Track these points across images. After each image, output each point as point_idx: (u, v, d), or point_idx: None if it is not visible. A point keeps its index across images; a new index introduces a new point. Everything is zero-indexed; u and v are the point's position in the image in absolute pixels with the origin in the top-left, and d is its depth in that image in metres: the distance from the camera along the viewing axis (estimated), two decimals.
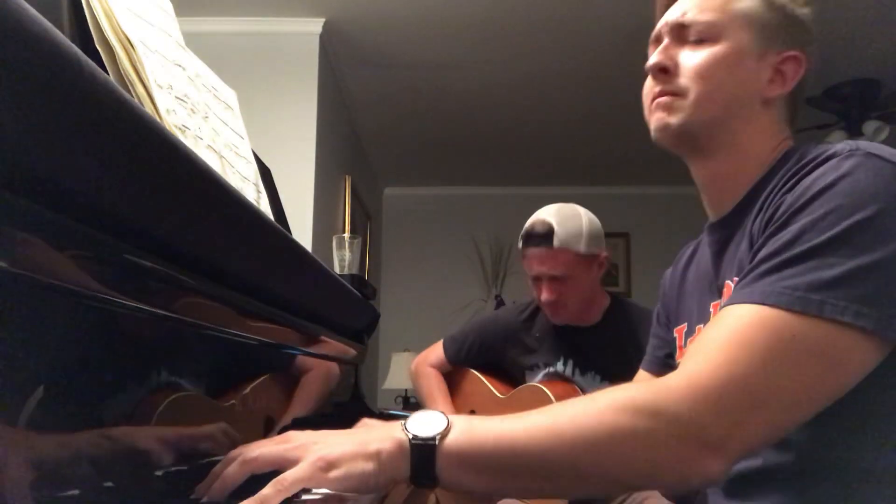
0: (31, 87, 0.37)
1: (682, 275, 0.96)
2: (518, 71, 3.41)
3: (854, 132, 3.64)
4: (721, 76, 0.79)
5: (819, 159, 0.68)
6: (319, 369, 1.09)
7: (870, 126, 3.56)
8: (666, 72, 0.81)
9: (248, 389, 0.78)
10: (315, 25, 3.00)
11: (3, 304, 0.38)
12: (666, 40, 0.83)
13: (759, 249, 0.67)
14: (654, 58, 0.83)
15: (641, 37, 0.95)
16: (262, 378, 0.83)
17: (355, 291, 1.34)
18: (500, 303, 4.38)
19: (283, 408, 0.92)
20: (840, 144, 0.69)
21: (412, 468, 0.60)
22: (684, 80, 0.80)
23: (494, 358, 1.89)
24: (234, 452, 0.61)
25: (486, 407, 1.84)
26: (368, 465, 0.59)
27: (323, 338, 1.06)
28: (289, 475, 0.56)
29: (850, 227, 0.61)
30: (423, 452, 0.59)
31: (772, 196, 0.72)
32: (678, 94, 0.80)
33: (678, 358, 0.93)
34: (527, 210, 1.81)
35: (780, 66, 0.80)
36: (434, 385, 1.90)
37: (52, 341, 0.43)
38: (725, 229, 0.82)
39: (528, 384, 1.80)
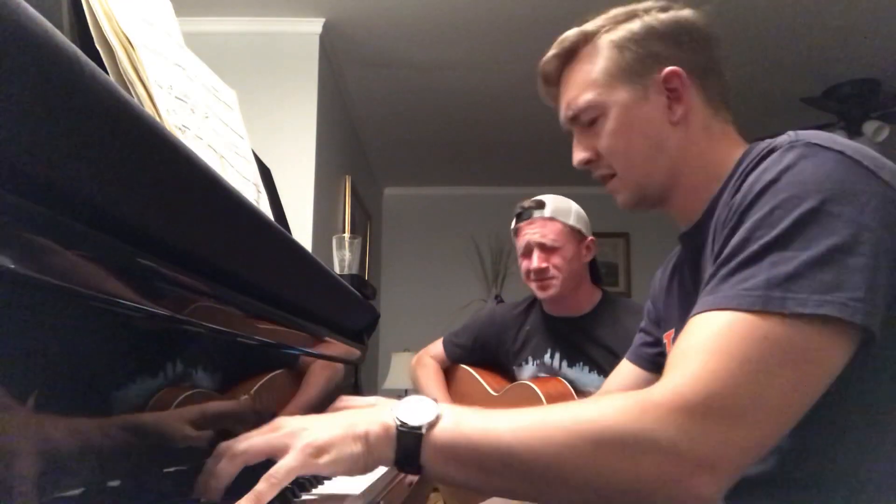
0: (31, 87, 0.37)
1: (671, 278, 0.96)
2: (518, 71, 3.40)
3: (854, 132, 3.64)
4: (626, 141, 0.82)
5: (761, 154, 0.69)
6: (320, 369, 1.09)
7: (870, 126, 3.56)
8: (590, 162, 0.86)
9: (247, 390, 0.78)
10: (315, 25, 3.00)
11: (3, 304, 0.38)
12: (575, 134, 0.88)
13: (717, 255, 0.67)
14: (574, 156, 0.88)
15: None
16: (262, 379, 0.83)
17: (355, 291, 1.34)
18: (499, 303, 4.38)
19: (283, 408, 0.92)
20: (781, 137, 0.69)
21: (397, 454, 0.60)
22: (606, 160, 0.85)
23: (490, 355, 1.92)
24: (222, 446, 0.61)
25: (480, 404, 1.85)
26: (357, 447, 0.59)
27: (323, 338, 1.06)
28: (280, 467, 0.57)
29: (798, 219, 0.61)
30: (409, 440, 0.60)
31: (725, 199, 0.73)
32: (612, 174, 0.86)
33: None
34: (513, 215, 1.83)
35: (666, 88, 0.80)
36: (431, 375, 1.94)
37: (52, 341, 0.43)
38: (695, 239, 0.83)
39: (518, 382, 1.81)
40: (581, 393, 1.66)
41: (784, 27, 3.03)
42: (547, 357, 1.79)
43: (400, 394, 4.12)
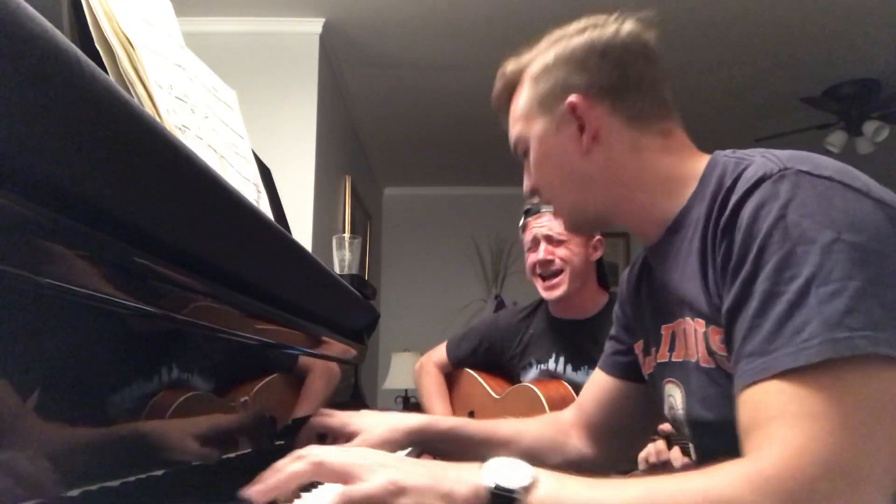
0: (31, 87, 0.37)
1: (637, 284, 0.94)
2: None
3: (854, 132, 3.64)
4: (545, 172, 0.84)
5: (749, 186, 0.64)
6: (321, 369, 1.09)
7: (870, 126, 3.56)
8: (534, 193, 0.88)
9: (247, 390, 0.78)
10: (315, 25, 3.00)
11: (3, 304, 0.38)
12: (524, 164, 0.88)
13: (738, 303, 0.63)
14: (523, 188, 0.89)
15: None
16: (262, 379, 0.83)
17: (355, 291, 1.34)
18: (500, 303, 4.38)
19: (284, 408, 0.92)
20: (759, 161, 0.66)
21: None
22: (541, 192, 0.87)
23: (494, 359, 1.92)
24: (301, 451, 0.59)
25: (483, 406, 1.86)
26: None
27: (323, 338, 1.06)
28: (359, 489, 0.55)
29: (825, 251, 0.58)
30: None
31: (710, 228, 0.69)
32: (551, 204, 0.87)
33: (644, 371, 0.90)
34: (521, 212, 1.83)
35: (573, 115, 0.79)
36: (434, 385, 1.95)
37: (53, 341, 0.43)
38: (661, 253, 0.80)
39: (520, 384, 1.81)
40: None
41: (784, 27, 3.03)
42: (551, 361, 1.78)
43: (400, 394, 4.13)
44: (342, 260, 2.23)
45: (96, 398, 0.48)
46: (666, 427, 1.32)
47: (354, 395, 1.38)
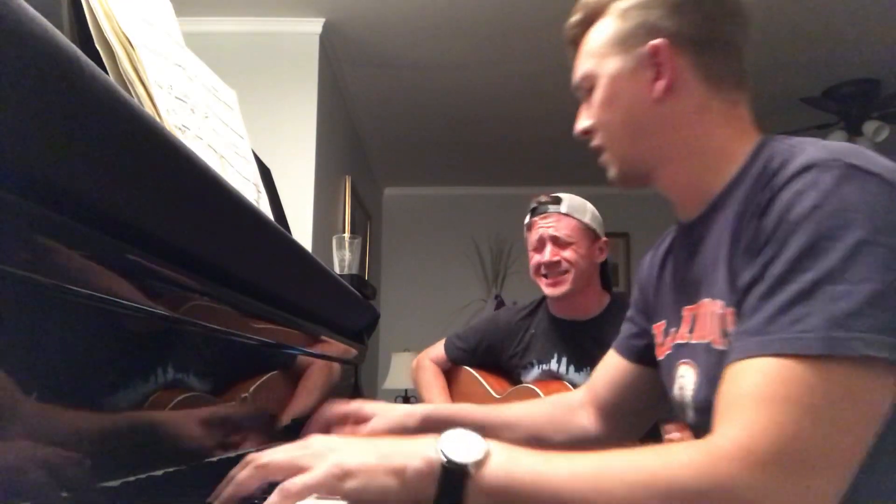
0: (31, 87, 0.37)
1: (661, 266, 0.93)
2: (518, 71, 3.41)
3: (854, 132, 3.64)
4: (609, 113, 0.81)
5: (794, 171, 0.63)
6: (319, 369, 1.09)
7: (870, 126, 3.56)
8: (587, 133, 0.85)
9: (247, 390, 0.78)
10: (315, 25, 3.00)
11: (3, 304, 0.38)
12: (582, 101, 0.86)
13: (752, 283, 0.63)
14: (575, 125, 0.86)
15: None
16: (262, 378, 0.83)
17: (355, 291, 1.34)
18: (500, 303, 4.38)
19: (284, 408, 0.92)
20: (811, 150, 0.65)
21: (438, 493, 0.55)
22: (596, 133, 0.84)
23: (493, 358, 1.91)
24: (250, 456, 0.59)
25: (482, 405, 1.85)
26: (389, 481, 0.55)
27: (323, 338, 1.06)
28: (298, 480, 0.54)
29: (850, 250, 0.57)
30: (454, 478, 0.55)
31: (747, 207, 0.68)
32: (601, 148, 0.84)
33: (658, 355, 0.90)
34: (526, 210, 1.82)
35: (653, 62, 0.77)
36: (432, 377, 1.93)
37: (53, 341, 0.43)
38: (696, 232, 0.80)
39: (521, 385, 1.81)
40: None
41: (784, 27, 3.03)
42: (553, 362, 1.77)
43: (400, 394, 4.13)
44: (342, 260, 2.23)
45: (97, 398, 0.48)
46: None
47: (354, 395, 1.38)
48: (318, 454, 0.56)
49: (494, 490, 0.55)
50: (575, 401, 1.07)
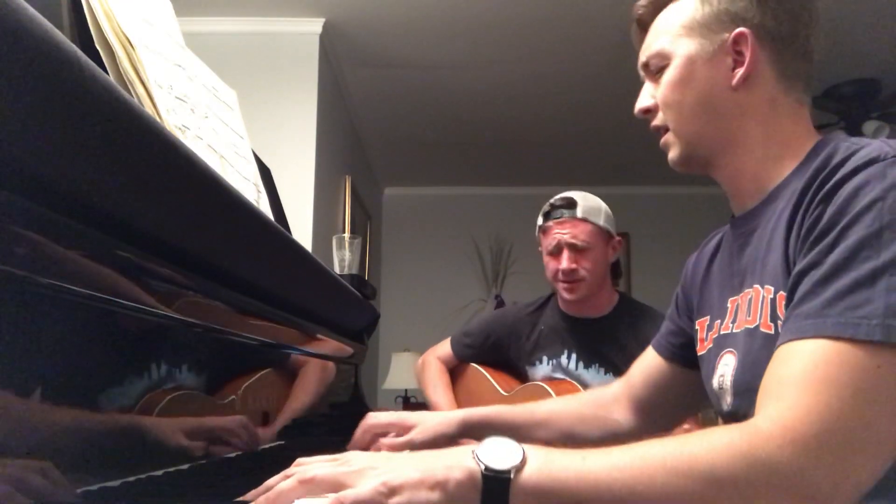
0: (31, 87, 0.37)
1: (707, 265, 0.94)
2: (518, 71, 3.40)
3: (854, 132, 3.63)
4: (680, 94, 0.81)
5: (859, 164, 0.65)
6: (321, 370, 1.09)
7: (870, 126, 3.56)
8: (648, 112, 0.86)
9: (248, 390, 0.78)
10: (315, 25, 3.00)
11: (3, 304, 0.38)
12: (645, 81, 0.87)
13: (808, 268, 0.64)
14: (637, 103, 0.87)
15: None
16: (263, 379, 0.83)
17: (355, 291, 1.34)
18: (500, 303, 4.38)
19: (284, 407, 0.92)
20: (877, 145, 0.66)
21: (482, 501, 0.56)
22: (661, 113, 0.84)
23: (500, 354, 1.90)
24: (291, 468, 0.59)
25: (489, 403, 1.84)
26: (434, 495, 0.55)
27: (323, 337, 1.06)
28: (349, 494, 0.54)
29: None
30: (497, 485, 0.55)
31: (807, 198, 0.69)
32: (664, 128, 0.84)
33: (699, 350, 0.91)
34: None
35: (734, 49, 0.78)
36: (436, 375, 1.92)
37: (54, 341, 0.43)
38: (749, 223, 0.81)
39: (531, 383, 1.80)
40: None
41: None
42: (563, 358, 1.78)
43: (400, 394, 4.13)
44: (342, 260, 2.23)
45: (97, 398, 0.48)
46: None
47: (354, 395, 1.38)
48: (361, 472, 0.57)
49: (536, 491, 0.56)
50: (609, 395, 1.09)
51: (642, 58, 0.86)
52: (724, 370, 0.82)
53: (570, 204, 1.74)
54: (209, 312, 0.64)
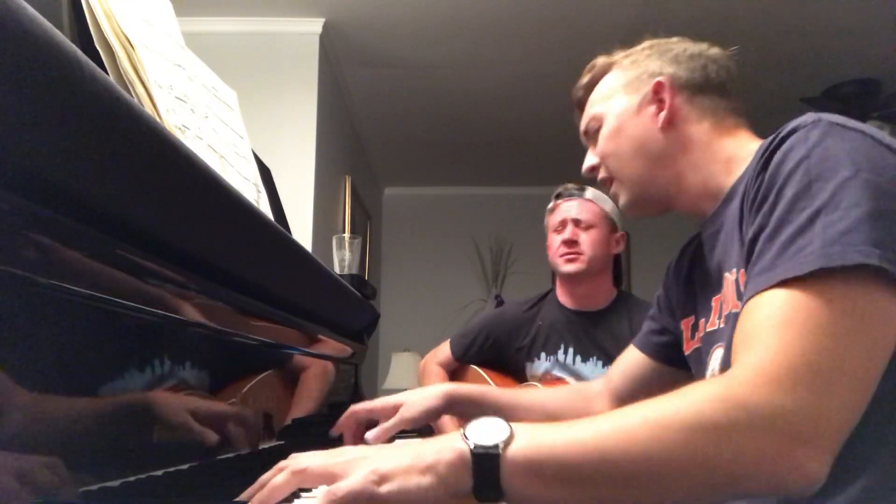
0: (31, 87, 0.37)
1: (689, 266, 0.98)
2: (518, 71, 3.40)
3: None
4: (615, 143, 0.91)
5: (783, 133, 0.70)
6: (321, 370, 1.09)
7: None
8: (594, 169, 0.97)
9: (248, 390, 0.78)
10: (315, 25, 3.00)
11: (3, 304, 0.38)
12: (589, 144, 0.98)
13: (757, 233, 0.67)
14: (583, 164, 0.98)
15: (640, 36, 0.97)
16: (263, 379, 0.83)
17: (355, 291, 1.34)
18: (500, 303, 4.38)
19: (285, 407, 0.92)
20: (801, 117, 0.71)
21: (475, 480, 0.55)
22: (606, 166, 0.94)
23: (499, 353, 1.91)
24: (283, 462, 0.59)
25: None
26: (425, 479, 0.55)
27: (323, 338, 1.06)
28: (341, 486, 0.54)
29: (838, 186, 0.62)
30: (487, 461, 0.55)
31: (749, 181, 0.73)
32: (609, 179, 0.94)
33: (686, 350, 0.93)
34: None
35: (655, 98, 0.88)
36: (437, 381, 1.91)
37: (54, 341, 0.43)
38: (715, 224, 0.85)
39: (526, 384, 1.81)
40: None
41: (784, 27, 3.03)
42: (560, 353, 1.80)
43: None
44: (342, 260, 2.23)
45: (96, 398, 0.48)
46: None
47: (354, 395, 1.38)
48: (352, 462, 0.57)
49: (526, 463, 0.56)
50: (593, 390, 1.14)
51: (582, 127, 0.98)
52: (715, 364, 0.85)
53: (581, 188, 1.84)
54: (209, 312, 0.64)
